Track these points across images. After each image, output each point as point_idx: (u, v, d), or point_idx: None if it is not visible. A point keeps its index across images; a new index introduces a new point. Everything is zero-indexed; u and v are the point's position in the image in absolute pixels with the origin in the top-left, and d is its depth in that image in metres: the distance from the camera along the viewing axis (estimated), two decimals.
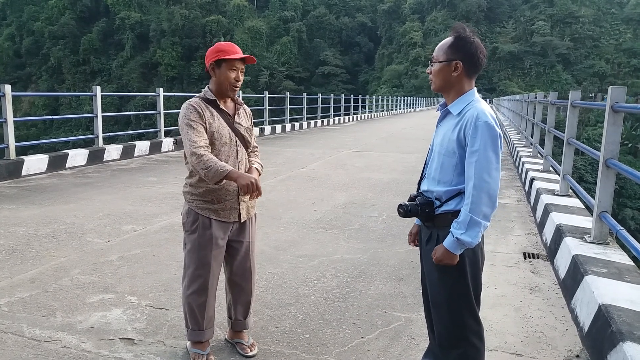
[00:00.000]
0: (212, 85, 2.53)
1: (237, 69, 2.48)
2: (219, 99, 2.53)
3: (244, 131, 2.61)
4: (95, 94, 9.65)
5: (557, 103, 7.64)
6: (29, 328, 2.89)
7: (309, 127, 20.06)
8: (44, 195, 6.40)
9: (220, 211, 2.50)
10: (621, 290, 2.89)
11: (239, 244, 2.62)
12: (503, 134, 15.00)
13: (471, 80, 2.02)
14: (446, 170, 1.99)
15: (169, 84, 75.24)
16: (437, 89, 2.06)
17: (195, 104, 2.46)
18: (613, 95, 3.76)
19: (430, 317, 2.20)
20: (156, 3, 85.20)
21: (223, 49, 2.45)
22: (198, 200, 2.50)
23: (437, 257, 1.94)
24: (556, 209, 4.96)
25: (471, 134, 1.88)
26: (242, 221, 2.60)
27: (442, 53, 2.00)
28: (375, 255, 4.31)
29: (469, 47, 1.95)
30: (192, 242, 2.51)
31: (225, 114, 2.53)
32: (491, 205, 1.88)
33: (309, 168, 9.08)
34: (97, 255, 4.14)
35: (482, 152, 1.86)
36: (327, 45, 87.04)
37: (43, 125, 71.28)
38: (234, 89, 2.51)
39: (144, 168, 8.93)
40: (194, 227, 2.50)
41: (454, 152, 1.95)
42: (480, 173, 1.86)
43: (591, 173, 38.01)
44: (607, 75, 68.26)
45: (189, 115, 2.42)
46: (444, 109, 2.06)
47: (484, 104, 1.96)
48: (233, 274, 2.67)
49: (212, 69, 2.48)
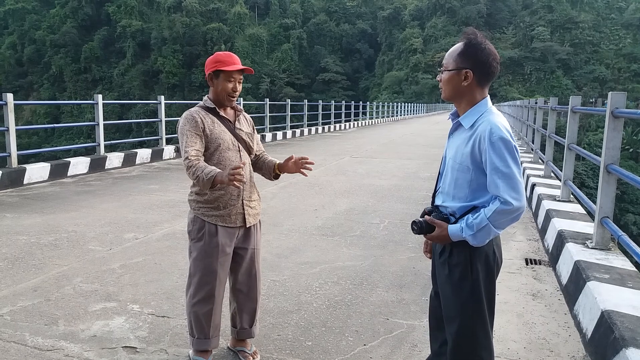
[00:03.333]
0: (211, 94, 2.57)
1: (234, 79, 2.51)
2: (219, 107, 2.56)
3: (246, 136, 2.64)
4: (96, 102, 9.69)
5: (557, 109, 7.66)
6: (31, 337, 2.89)
7: (310, 133, 20.09)
8: (46, 204, 6.41)
9: (226, 217, 2.51)
10: (624, 296, 2.88)
11: (244, 251, 2.62)
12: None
13: (484, 89, 1.92)
14: (461, 186, 1.92)
15: (170, 91, 75.49)
16: (447, 98, 1.98)
17: (194, 112, 2.50)
18: (613, 101, 3.77)
19: (434, 326, 2.17)
20: (157, 11, 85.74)
21: (221, 60, 2.48)
22: (204, 207, 2.51)
23: (434, 234, 1.91)
24: (558, 214, 4.96)
25: (488, 151, 1.81)
26: (248, 227, 2.60)
27: (451, 61, 1.91)
28: (377, 262, 4.31)
29: (480, 54, 1.85)
30: (198, 250, 2.51)
31: (225, 121, 2.57)
32: (513, 220, 1.84)
33: (310, 175, 9.02)
34: (99, 264, 4.15)
35: (503, 168, 1.79)
36: (328, 52, 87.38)
37: (45, 133, 71.51)
38: (230, 99, 2.55)
39: (146, 176, 8.94)
40: (200, 234, 2.51)
41: (468, 168, 1.88)
42: (506, 190, 1.79)
43: (593, 178, 37.97)
44: (607, 81, 68.35)
45: (185, 125, 2.46)
46: (456, 121, 1.98)
47: (497, 114, 1.88)
48: (238, 282, 2.66)
49: (210, 78, 2.53)
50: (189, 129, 2.44)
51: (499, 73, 1.93)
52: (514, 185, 1.79)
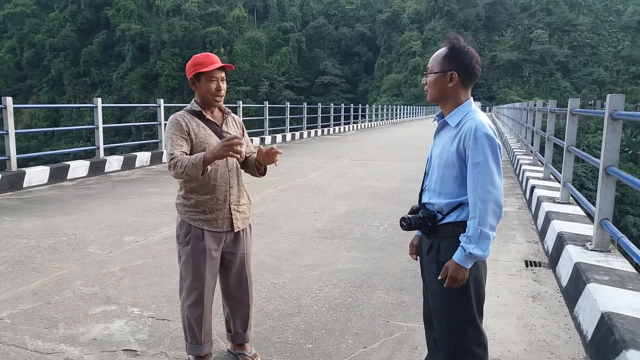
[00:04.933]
0: (197, 98, 2.55)
1: (216, 78, 2.48)
2: (205, 109, 2.54)
3: None
4: (96, 105, 9.70)
5: (556, 111, 7.67)
6: (31, 340, 2.89)
7: (309, 136, 20.10)
8: (46, 207, 6.41)
9: (212, 221, 2.50)
10: (624, 298, 2.88)
11: (233, 255, 2.60)
12: (502, 142, 15.05)
13: (467, 90, 2.00)
14: (447, 183, 1.98)
15: (169, 94, 75.61)
16: (432, 100, 2.05)
17: (179, 116, 2.49)
18: (612, 103, 3.77)
19: (428, 326, 2.20)
20: (156, 14, 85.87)
21: (199, 62, 2.46)
22: (190, 211, 2.50)
23: (450, 274, 1.89)
24: (557, 216, 4.96)
25: (471, 146, 1.88)
26: (236, 231, 2.58)
27: (436, 64, 1.99)
28: (377, 264, 4.31)
29: (464, 57, 1.95)
30: (186, 254, 2.50)
31: (212, 124, 2.54)
32: (498, 215, 1.87)
33: (310, 177, 9.09)
34: (99, 267, 4.15)
35: (484, 164, 1.86)
36: (327, 55, 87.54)
37: (44, 137, 71.45)
38: (216, 99, 2.51)
39: (145, 179, 8.94)
40: (187, 238, 2.50)
41: (453, 164, 1.94)
42: (484, 185, 1.85)
43: (592, 180, 37.96)
44: (606, 83, 68.50)
45: (170, 129, 2.46)
46: (442, 120, 2.05)
47: (481, 114, 1.96)
48: (229, 287, 2.65)
49: (193, 83, 2.50)
50: (174, 133, 2.43)
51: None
52: (492, 180, 1.86)
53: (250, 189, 2.75)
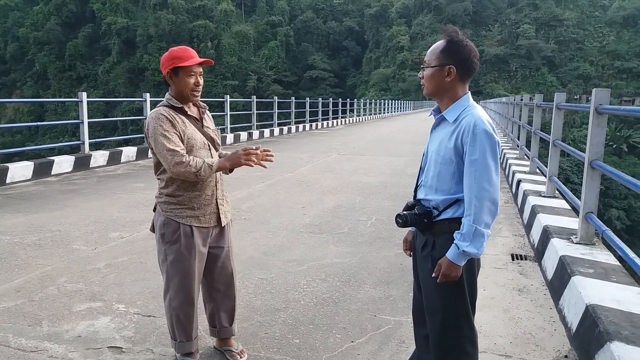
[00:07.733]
0: (172, 93, 2.46)
1: (195, 73, 2.42)
2: (183, 105, 2.48)
3: (212, 134, 2.59)
4: (81, 99, 9.56)
5: (542, 105, 7.72)
6: (14, 338, 2.85)
7: (298, 131, 20.05)
8: (30, 203, 6.32)
9: (201, 217, 2.48)
10: (608, 290, 2.91)
11: (219, 250, 2.60)
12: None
13: (465, 84, 1.96)
14: (444, 179, 1.93)
15: (155, 89, 74.66)
16: (429, 94, 2.00)
17: (164, 112, 2.39)
18: (597, 98, 3.80)
19: (417, 322, 2.19)
20: (143, 8, 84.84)
21: (178, 56, 2.39)
22: (178, 208, 2.46)
23: (442, 271, 1.87)
24: (543, 210, 5.00)
25: (469, 143, 1.84)
26: (222, 226, 2.58)
27: (434, 57, 1.94)
28: (365, 258, 4.32)
29: (462, 51, 1.90)
30: (175, 253, 2.45)
31: (193, 120, 2.51)
32: (493, 213, 1.85)
33: (298, 172, 9.07)
34: (84, 263, 4.10)
35: (481, 160, 1.82)
36: (315, 49, 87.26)
37: (28, 131, 70.45)
38: (194, 94, 2.45)
39: (131, 174, 8.86)
40: (175, 237, 2.45)
41: (451, 161, 1.90)
42: (480, 182, 1.82)
43: (577, 174, 38.43)
44: (591, 77, 69.11)
45: (162, 126, 2.35)
46: (439, 116, 2.01)
47: (480, 109, 1.92)
48: (215, 282, 2.63)
49: (169, 77, 2.42)
50: (167, 129, 2.34)
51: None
52: (489, 178, 1.83)
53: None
